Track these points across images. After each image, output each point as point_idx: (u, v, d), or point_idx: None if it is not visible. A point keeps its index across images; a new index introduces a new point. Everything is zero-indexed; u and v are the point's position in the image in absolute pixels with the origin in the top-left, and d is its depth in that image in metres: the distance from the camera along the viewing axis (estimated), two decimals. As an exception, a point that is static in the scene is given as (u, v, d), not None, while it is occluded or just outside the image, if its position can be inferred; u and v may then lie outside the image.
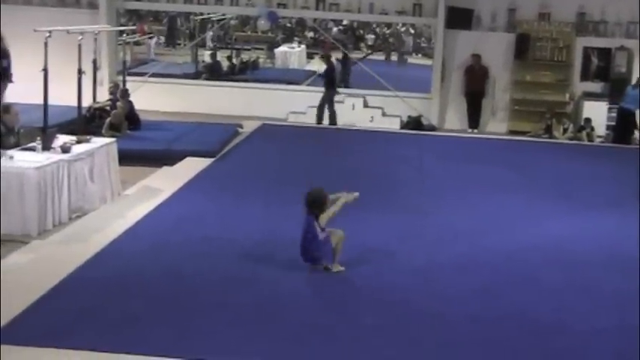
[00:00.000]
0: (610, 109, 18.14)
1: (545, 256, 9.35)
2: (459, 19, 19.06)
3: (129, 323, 6.81)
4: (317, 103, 18.74)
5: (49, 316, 6.89)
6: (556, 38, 18.94)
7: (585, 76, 18.84)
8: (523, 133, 18.64)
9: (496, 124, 19.17)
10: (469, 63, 18.93)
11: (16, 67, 16.34)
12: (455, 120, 19.27)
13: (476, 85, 18.80)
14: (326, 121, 18.38)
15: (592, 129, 18.10)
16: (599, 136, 18.20)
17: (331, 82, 18.65)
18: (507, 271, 8.73)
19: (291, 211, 10.79)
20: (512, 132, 18.92)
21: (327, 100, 18.43)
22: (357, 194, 8.38)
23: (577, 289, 8.28)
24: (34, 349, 6.25)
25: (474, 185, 12.99)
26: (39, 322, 6.77)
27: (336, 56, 21.34)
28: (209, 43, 27.25)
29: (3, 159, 9.41)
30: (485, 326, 7.17)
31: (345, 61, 23.16)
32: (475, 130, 18.87)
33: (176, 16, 28.42)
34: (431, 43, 25.22)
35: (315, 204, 8.08)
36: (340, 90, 19.39)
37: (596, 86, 18.85)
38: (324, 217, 8.10)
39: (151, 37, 27.82)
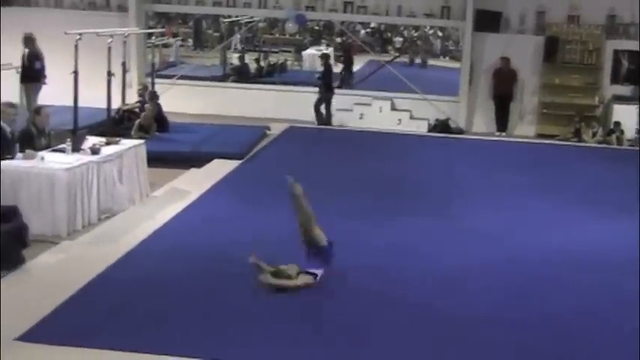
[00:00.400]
0: (641, 113, 17.95)
1: (572, 260, 9.29)
2: (488, 22, 18.97)
3: (157, 323, 6.86)
4: (345, 105, 18.77)
5: (78, 316, 6.95)
6: (585, 41, 18.80)
7: (615, 79, 18.68)
8: (551, 137, 18.52)
9: (524, 128, 19.06)
10: (497, 66, 18.85)
11: (47, 70, 16.48)
12: (483, 123, 19.18)
13: (504, 88, 18.70)
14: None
15: (622, 132, 17.94)
16: (629, 140, 18.03)
17: (328, 83, 18.52)
18: (534, 275, 8.68)
19: (317, 213, 10.81)
20: (540, 135, 18.81)
21: (324, 101, 18.34)
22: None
23: (603, 294, 8.21)
24: (63, 348, 6.31)
25: (502, 189, 12.93)
26: (68, 321, 6.83)
27: (368, 58, 21.26)
28: (237, 46, 27.35)
29: (34, 160, 9.51)
30: (511, 330, 7.14)
31: (348, 63, 23.06)
32: (503, 134, 18.78)
33: (201, 19, 28.53)
34: (459, 45, 25.14)
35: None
36: (343, 92, 19.35)
37: (626, 89, 18.68)
38: None
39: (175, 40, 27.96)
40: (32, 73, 15.71)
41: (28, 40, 15.70)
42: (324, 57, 19.29)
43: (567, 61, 18.87)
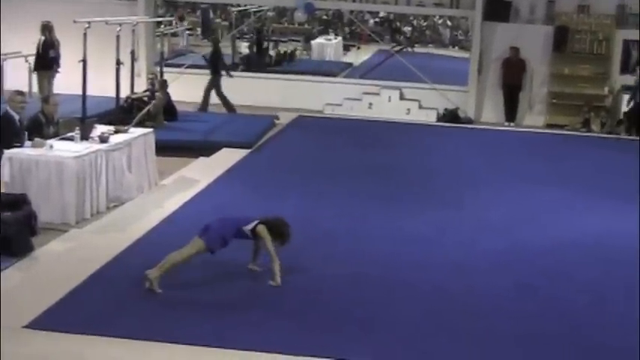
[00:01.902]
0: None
1: (581, 251, 9.28)
2: (497, 11, 18.89)
3: (166, 312, 6.88)
4: (353, 95, 18.77)
5: (87, 304, 6.98)
6: (595, 31, 18.71)
7: (625, 70, 18.58)
8: (560, 127, 18.47)
9: (533, 118, 19.01)
10: (506, 55, 18.77)
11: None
12: (492, 113, 19.13)
13: (513, 78, 18.64)
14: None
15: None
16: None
17: (215, 67, 17.99)
18: (543, 266, 8.67)
19: (325, 202, 10.84)
20: (549, 125, 18.75)
21: (214, 86, 17.88)
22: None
23: (614, 285, 8.21)
24: (71, 335, 6.33)
25: (511, 179, 12.91)
26: (77, 309, 6.86)
27: (377, 47, 20.92)
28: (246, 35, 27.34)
29: (43, 149, 9.53)
30: (520, 321, 7.14)
31: (260, 46, 22.81)
32: (512, 124, 18.73)
33: (209, 9, 28.51)
34: (468, 35, 25.08)
35: (273, 231, 7.80)
36: (351, 81, 19.17)
37: (636, 79, 18.59)
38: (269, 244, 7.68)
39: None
40: (46, 62, 15.78)
41: (45, 28, 15.78)
42: (214, 40, 18.39)
43: (577, 51, 18.79)
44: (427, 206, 10.86)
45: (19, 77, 16.00)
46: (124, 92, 14.95)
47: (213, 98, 17.77)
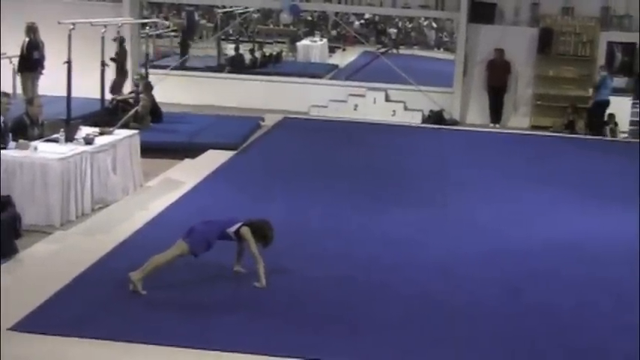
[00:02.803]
0: (634, 105, 17.96)
1: (566, 251, 9.32)
2: (482, 13, 18.98)
3: (149, 313, 6.87)
4: (339, 96, 18.84)
5: (72, 306, 6.96)
6: (579, 33, 18.81)
7: (609, 71, 18.68)
8: (545, 129, 18.54)
9: (518, 119, 19.08)
10: (491, 57, 18.84)
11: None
12: (477, 114, 19.20)
13: (498, 79, 18.71)
14: None
15: (615, 124, 17.97)
16: (623, 132, 18.07)
17: (123, 67, 17.40)
18: (528, 267, 8.70)
19: (311, 204, 10.85)
20: (534, 127, 18.83)
21: (119, 86, 17.16)
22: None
23: (599, 286, 8.25)
24: (56, 337, 6.31)
25: (496, 180, 12.96)
26: (61, 311, 6.84)
27: (362, 49, 20.88)
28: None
29: (28, 150, 9.50)
30: (505, 321, 7.16)
31: (185, 43, 22.61)
32: (497, 125, 18.80)
33: (194, 11, 28.45)
34: (453, 37, 25.14)
35: (256, 233, 7.79)
36: (336, 82, 19.11)
37: (620, 81, 18.73)
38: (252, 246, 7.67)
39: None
40: (30, 63, 15.72)
41: (30, 30, 15.73)
42: (119, 40, 17.12)
43: (561, 53, 18.88)
44: (412, 207, 10.88)
45: (3, 79, 15.92)
46: (109, 94, 14.90)
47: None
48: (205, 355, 6.18)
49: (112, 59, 15.75)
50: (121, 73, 17.37)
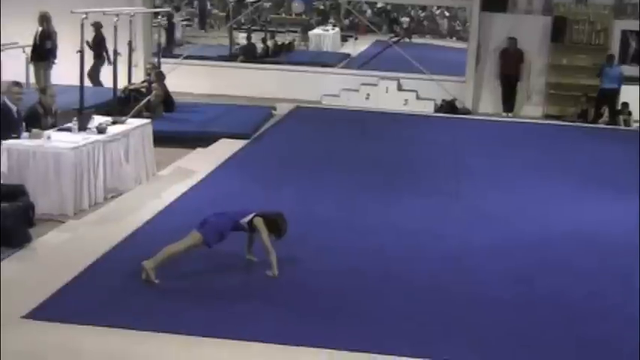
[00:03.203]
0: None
1: (579, 241, 9.29)
2: (495, 2, 18.89)
3: (162, 302, 6.89)
4: (351, 86, 18.81)
5: (85, 295, 6.99)
6: (593, 21, 18.70)
7: (623, 60, 18.59)
8: (558, 118, 18.48)
9: (531, 108, 19.01)
10: (504, 46, 18.77)
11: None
12: (489, 104, 19.14)
13: (511, 68, 18.63)
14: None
15: (629, 114, 17.88)
16: (636, 121, 17.96)
17: (99, 52, 17.28)
18: (540, 256, 8.68)
19: (322, 193, 10.85)
20: (547, 116, 18.76)
21: (95, 71, 17.17)
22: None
23: (611, 276, 8.22)
24: (69, 325, 6.34)
25: (508, 169, 12.93)
26: (74, 300, 6.87)
27: (375, 38, 20.88)
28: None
29: (41, 139, 9.53)
30: (517, 311, 7.15)
31: (171, 27, 22.58)
32: (510, 114, 18.73)
33: (206, 0, 28.49)
34: (466, 26, 25.05)
35: (270, 225, 7.79)
36: (348, 72, 19.06)
37: (634, 70, 18.57)
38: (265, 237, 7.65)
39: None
40: (42, 52, 15.74)
41: (43, 19, 15.74)
42: (96, 25, 16.98)
43: (575, 42, 18.78)
44: (424, 197, 10.86)
45: (16, 68, 15.96)
46: (122, 83, 14.93)
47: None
48: (218, 343, 6.20)
49: (87, 43, 15.75)
50: (98, 58, 17.27)
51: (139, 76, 16.70)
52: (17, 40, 16.17)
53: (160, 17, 18.39)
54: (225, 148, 13.27)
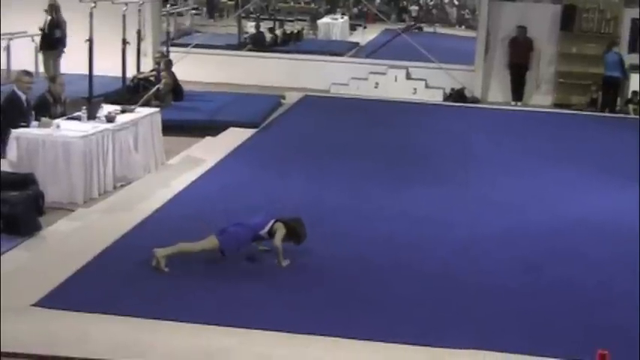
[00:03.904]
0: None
1: (589, 230, 9.28)
2: (505, -10, 18.83)
3: (171, 290, 6.91)
4: (360, 74, 18.79)
5: (94, 283, 7.01)
6: (603, 9, 18.60)
7: (633, 49, 18.45)
8: (568, 106, 18.40)
9: (540, 97, 18.94)
10: (514, 35, 18.69)
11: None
12: (498, 92, 19.07)
13: (520, 57, 18.55)
14: None
15: (639, 102, 17.79)
16: (645, 109, 17.89)
17: (57, 40, 16.15)
18: (550, 245, 8.67)
19: (331, 182, 10.85)
20: (556, 105, 18.68)
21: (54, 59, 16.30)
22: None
23: (620, 264, 8.20)
24: (79, 314, 6.36)
25: (518, 158, 12.90)
26: (84, 288, 6.89)
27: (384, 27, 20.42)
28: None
29: (50, 128, 9.55)
30: (526, 300, 7.15)
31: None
32: (519, 103, 18.67)
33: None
34: (475, 14, 24.96)
35: (290, 232, 7.71)
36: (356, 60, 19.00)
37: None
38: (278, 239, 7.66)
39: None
40: (51, 41, 15.76)
41: (52, 8, 15.76)
42: (51, 8, 16.06)
43: (584, 30, 18.69)
44: (433, 185, 10.85)
45: (25, 57, 15.99)
46: (131, 72, 14.95)
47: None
48: (228, 331, 6.21)
49: (40, 29, 15.67)
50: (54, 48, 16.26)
51: (147, 65, 16.70)
52: (26, 30, 16.20)
53: (168, 6, 18.36)
54: (234, 137, 13.28)
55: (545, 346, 6.27)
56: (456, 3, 31.40)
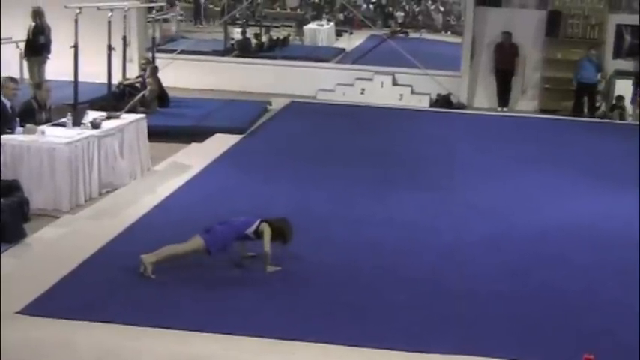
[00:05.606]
0: (635, 88, 17.81)
1: (574, 235, 9.30)
2: (490, -4, 18.90)
3: (157, 297, 6.89)
4: (346, 80, 18.81)
5: (80, 290, 6.98)
6: (588, 15, 18.70)
7: (618, 54, 18.57)
8: (553, 112, 18.48)
9: (526, 103, 19.01)
10: (499, 40, 18.76)
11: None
12: (484, 98, 19.13)
13: (506, 63, 18.61)
14: None
15: (623, 108, 17.88)
16: (631, 115, 17.98)
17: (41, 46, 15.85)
18: (536, 250, 8.69)
19: (318, 187, 10.85)
20: (542, 110, 18.76)
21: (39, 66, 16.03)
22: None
23: (606, 269, 8.22)
24: (65, 321, 6.32)
25: (503, 164, 12.93)
26: (70, 295, 6.86)
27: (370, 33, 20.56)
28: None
29: (35, 135, 9.51)
30: (513, 305, 7.16)
31: None
32: (505, 109, 18.72)
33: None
34: (460, 20, 25.05)
35: (276, 232, 7.72)
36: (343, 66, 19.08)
37: (628, 64, 18.56)
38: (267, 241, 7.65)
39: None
40: (36, 48, 15.69)
41: (36, 14, 15.68)
42: (35, 14, 15.73)
43: (570, 36, 18.78)
44: (419, 191, 10.87)
45: (10, 63, 15.91)
46: (116, 78, 14.91)
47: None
48: (215, 338, 6.19)
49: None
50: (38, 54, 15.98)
51: (133, 71, 16.66)
52: (11, 36, 16.12)
53: (154, 12, 18.34)
54: (221, 143, 13.26)
55: (531, 350, 6.29)
56: (442, 9, 31.49)
